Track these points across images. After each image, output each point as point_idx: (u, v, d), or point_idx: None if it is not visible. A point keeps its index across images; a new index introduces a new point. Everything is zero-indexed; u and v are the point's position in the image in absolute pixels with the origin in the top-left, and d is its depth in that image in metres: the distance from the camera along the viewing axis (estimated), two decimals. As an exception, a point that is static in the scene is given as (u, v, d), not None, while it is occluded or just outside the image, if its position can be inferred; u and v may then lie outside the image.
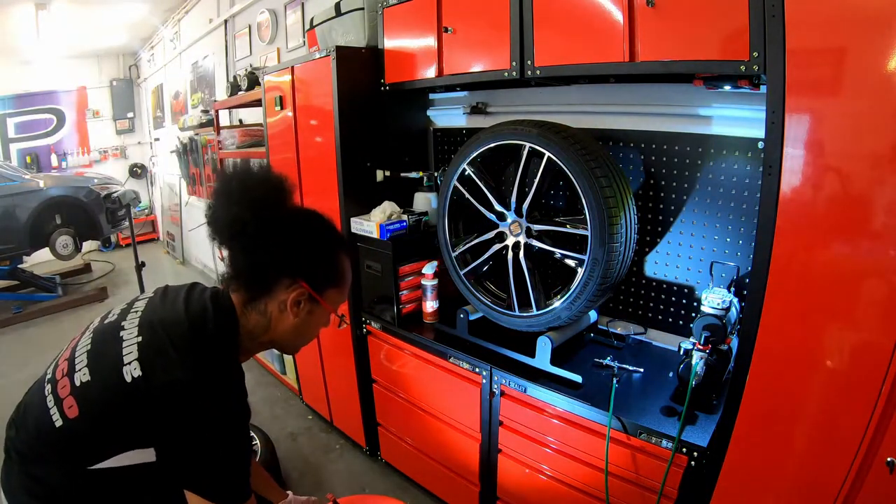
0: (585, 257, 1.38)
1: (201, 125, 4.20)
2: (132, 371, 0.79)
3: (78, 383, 0.82)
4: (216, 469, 0.81)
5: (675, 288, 1.63)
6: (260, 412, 2.77)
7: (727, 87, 1.34)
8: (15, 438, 0.87)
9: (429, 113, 2.27)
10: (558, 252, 1.47)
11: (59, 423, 0.81)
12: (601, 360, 1.56)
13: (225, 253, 0.93)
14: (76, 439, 0.80)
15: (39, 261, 5.37)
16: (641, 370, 1.50)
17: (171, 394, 0.77)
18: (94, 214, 4.97)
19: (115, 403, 0.79)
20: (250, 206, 0.86)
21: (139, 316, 0.89)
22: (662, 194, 1.60)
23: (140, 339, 0.83)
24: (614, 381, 1.37)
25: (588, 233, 1.36)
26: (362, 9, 1.96)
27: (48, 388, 0.86)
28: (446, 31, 1.65)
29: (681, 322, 1.63)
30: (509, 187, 1.54)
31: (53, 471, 0.82)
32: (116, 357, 0.81)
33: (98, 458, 0.80)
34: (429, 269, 1.84)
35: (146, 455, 0.80)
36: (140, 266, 3.53)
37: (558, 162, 1.38)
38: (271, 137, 2.43)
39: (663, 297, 1.66)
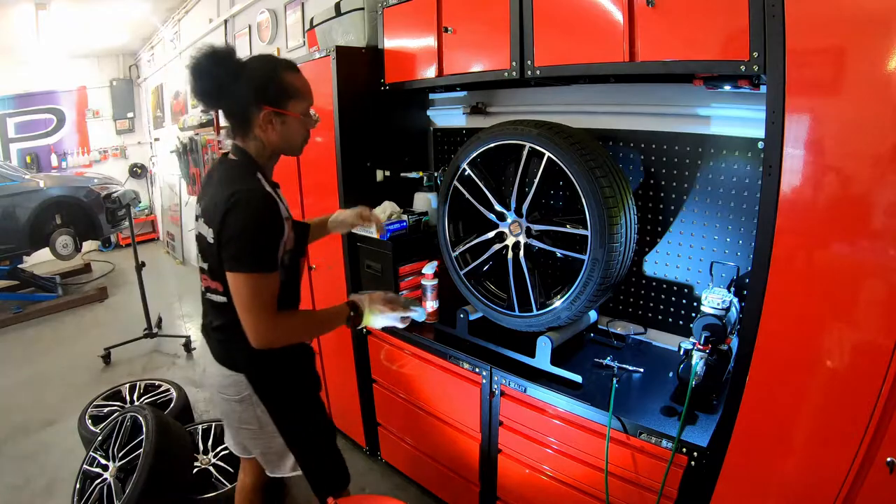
0: (585, 257, 1.38)
1: (201, 125, 4.20)
2: (209, 238, 1.17)
3: (207, 269, 1.25)
4: (253, 242, 1.12)
5: (674, 288, 1.63)
6: (260, 412, 2.77)
7: (727, 87, 1.34)
8: (204, 321, 1.37)
9: (429, 113, 2.27)
10: (558, 252, 1.47)
11: (216, 300, 1.25)
12: (601, 360, 1.56)
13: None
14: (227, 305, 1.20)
15: (39, 261, 5.37)
16: (641, 370, 1.51)
17: (224, 214, 1.11)
18: (94, 214, 4.98)
19: (215, 260, 1.18)
20: (210, 77, 1.16)
21: (201, 217, 1.25)
22: (662, 194, 1.60)
23: (203, 218, 1.22)
24: (614, 381, 1.38)
25: (588, 233, 1.36)
26: (362, 9, 1.96)
27: (202, 286, 1.31)
28: (446, 31, 1.65)
29: (681, 322, 1.63)
30: (509, 187, 1.54)
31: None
32: (204, 240, 1.21)
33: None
34: (429, 269, 1.84)
35: None
36: (140, 266, 3.54)
37: (558, 162, 1.38)
38: (271, 137, 2.42)
39: (663, 296, 1.66)
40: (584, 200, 1.34)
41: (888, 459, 0.88)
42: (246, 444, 1.41)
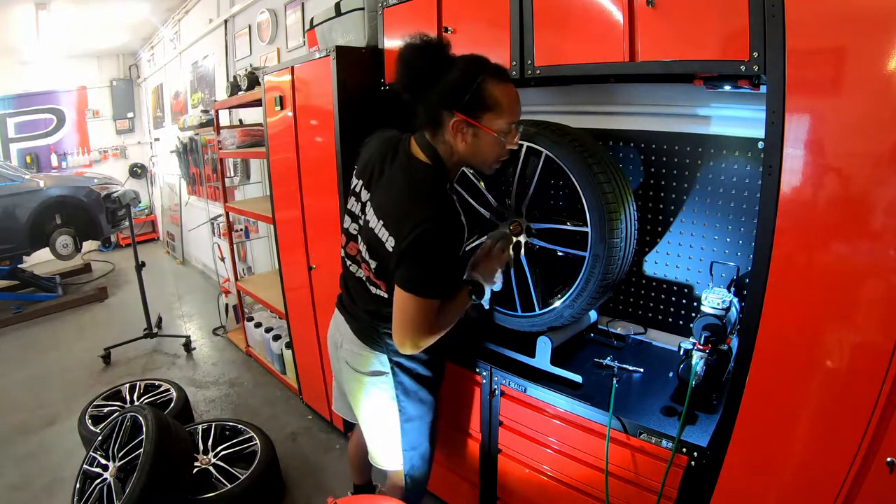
0: (586, 253, 1.37)
1: (201, 125, 4.19)
2: (387, 245, 1.16)
3: (373, 267, 1.25)
4: (435, 274, 1.14)
5: (674, 288, 1.63)
6: (260, 412, 2.77)
7: (727, 87, 1.33)
8: (345, 297, 1.44)
9: (429, 113, 2.27)
10: (560, 250, 1.47)
11: (376, 293, 1.30)
12: (601, 360, 1.56)
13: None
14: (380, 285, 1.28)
15: (39, 261, 5.37)
16: (641, 370, 1.51)
17: (414, 239, 1.09)
18: (94, 214, 4.97)
19: (387, 264, 1.18)
20: (410, 69, 1.13)
21: (371, 205, 1.24)
22: (662, 194, 1.60)
23: (382, 222, 1.18)
24: (614, 381, 1.37)
25: (588, 229, 1.36)
26: (362, 9, 1.96)
27: (353, 267, 1.37)
28: (446, 30, 1.65)
29: (681, 322, 1.63)
30: (508, 187, 1.54)
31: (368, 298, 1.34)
32: (380, 243, 1.18)
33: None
34: (429, 269, 1.83)
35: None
36: (140, 266, 3.54)
37: (556, 160, 1.38)
38: (271, 137, 2.43)
39: (663, 296, 1.66)
40: (582, 196, 1.34)
41: (888, 459, 0.88)
42: (364, 431, 1.51)
